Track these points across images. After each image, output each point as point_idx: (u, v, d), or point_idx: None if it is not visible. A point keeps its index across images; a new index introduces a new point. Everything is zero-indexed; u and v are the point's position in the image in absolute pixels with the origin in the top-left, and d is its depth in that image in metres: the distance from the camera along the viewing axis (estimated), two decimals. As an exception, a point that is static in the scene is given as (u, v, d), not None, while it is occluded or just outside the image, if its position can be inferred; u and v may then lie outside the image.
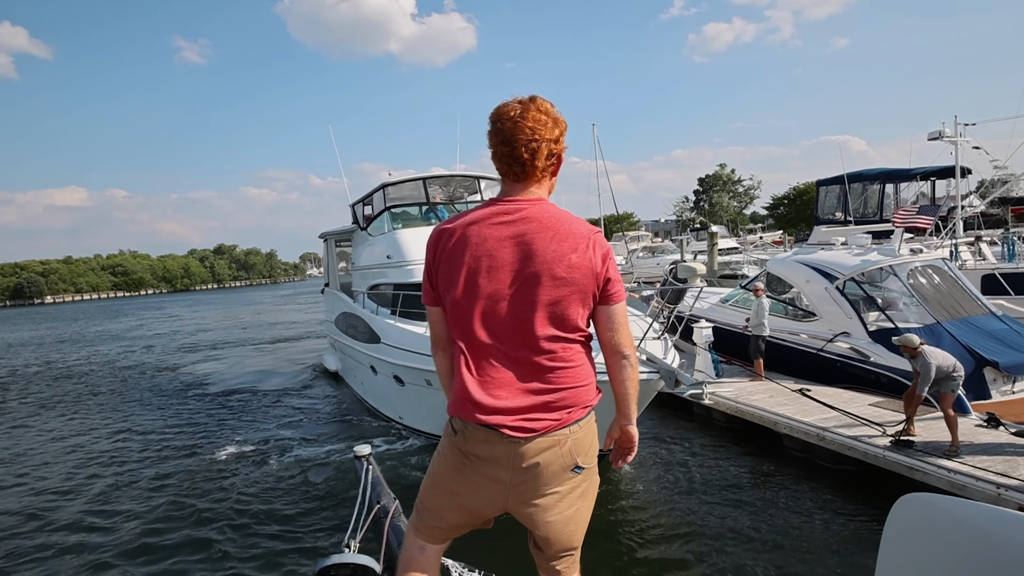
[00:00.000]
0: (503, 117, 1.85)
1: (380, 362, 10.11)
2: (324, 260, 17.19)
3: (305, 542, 6.74)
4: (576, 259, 1.82)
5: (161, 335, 33.16)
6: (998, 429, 7.09)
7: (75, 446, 11.23)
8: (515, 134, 1.83)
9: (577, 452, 1.91)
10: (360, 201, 13.70)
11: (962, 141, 15.02)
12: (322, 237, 16.62)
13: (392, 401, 10.47)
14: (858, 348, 9.33)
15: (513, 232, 1.85)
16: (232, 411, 13.12)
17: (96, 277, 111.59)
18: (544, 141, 1.84)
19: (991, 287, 11.74)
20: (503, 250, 1.84)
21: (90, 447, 11.10)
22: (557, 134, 1.89)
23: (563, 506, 1.95)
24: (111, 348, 28.14)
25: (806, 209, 51.80)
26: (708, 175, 72.87)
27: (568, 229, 1.85)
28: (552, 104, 1.92)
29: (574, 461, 1.91)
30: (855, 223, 16.67)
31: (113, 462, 10.01)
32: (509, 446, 1.85)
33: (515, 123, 1.83)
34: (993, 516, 1.61)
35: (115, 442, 11.24)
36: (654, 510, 7.03)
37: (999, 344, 8.64)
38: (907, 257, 9.90)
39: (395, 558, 3.25)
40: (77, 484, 9.11)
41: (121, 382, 18.26)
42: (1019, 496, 5.56)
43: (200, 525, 7.39)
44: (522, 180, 1.90)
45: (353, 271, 14.08)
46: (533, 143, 1.83)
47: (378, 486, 3.98)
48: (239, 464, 9.38)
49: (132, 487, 8.80)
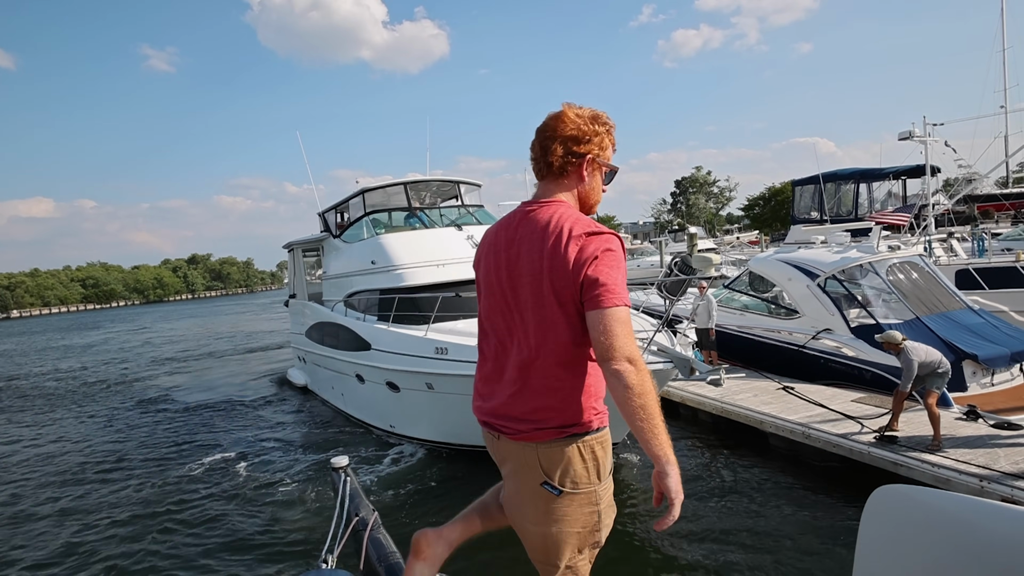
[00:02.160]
0: (544, 120, 1.91)
1: (370, 369, 9.90)
2: (290, 271, 16.65)
3: (281, 558, 6.54)
4: (553, 262, 1.73)
5: (129, 348, 32.45)
6: (978, 422, 7.19)
7: (35, 462, 10.88)
8: (539, 131, 1.90)
9: (549, 470, 1.80)
10: (332, 208, 13.42)
11: (931, 140, 15.33)
12: (287, 247, 16.02)
13: (383, 409, 10.25)
14: (841, 344, 9.43)
15: (511, 236, 1.87)
16: (199, 426, 12.75)
17: (65, 290, 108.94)
18: (560, 138, 1.85)
19: (965, 282, 11.98)
20: (500, 255, 1.90)
21: (52, 463, 10.76)
22: (580, 134, 1.85)
23: (535, 517, 1.87)
24: (76, 362, 27.44)
25: (781, 209, 52.56)
26: (684, 177, 73.64)
27: (554, 229, 1.76)
28: (598, 112, 1.92)
29: (543, 477, 1.81)
30: (831, 222, 16.92)
31: (76, 479, 9.70)
32: (492, 442, 1.96)
33: (544, 123, 1.89)
34: (965, 505, 1.63)
35: (79, 458, 10.89)
36: (640, 508, 6.99)
37: (977, 337, 8.79)
38: (886, 254, 10.05)
39: (374, 571, 3.16)
40: (36, 501, 8.81)
41: (85, 397, 17.78)
42: (1002, 488, 5.62)
43: (172, 542, 7.16)
44: (541, 178, 1.95)
45: (324, 280, 13.65)
46: (548, 140, 1.87)
47: (356, 498, 3.86)
48: (209, 481, 9.12)
49: (96, 506, 8.50)
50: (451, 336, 8.50)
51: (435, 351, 8.39)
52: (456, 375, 8.10)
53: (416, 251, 10.42)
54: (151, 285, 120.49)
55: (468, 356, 7.94)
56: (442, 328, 8.80)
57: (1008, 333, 9.18)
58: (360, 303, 11.10)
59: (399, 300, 9.56)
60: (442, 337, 8.50)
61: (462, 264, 10.03)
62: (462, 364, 8.00)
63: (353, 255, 11.86)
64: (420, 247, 10.52)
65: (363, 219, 11.88)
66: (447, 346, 8.28)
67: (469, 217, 11.79)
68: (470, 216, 11.83)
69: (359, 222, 12.02)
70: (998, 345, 8.68)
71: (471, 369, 7.85)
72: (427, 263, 10.15)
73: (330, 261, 13.28)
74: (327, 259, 13.54)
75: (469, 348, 7.96)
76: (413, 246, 10.58)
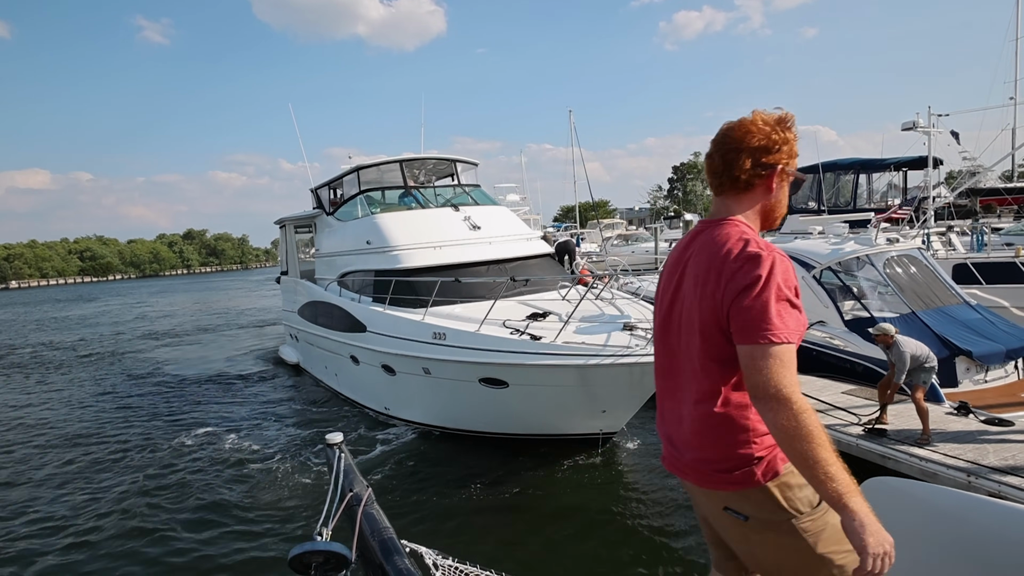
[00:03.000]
0: (720, 129, 1.78)
1: (366, 351, 9.79)
2: (282, 247, 16.44)
3: (277, 531, 6.63)
4: (707, 288, 1.65)
5: (126, 322, 32.40)
6: (968, 417, 7.16)
7: (29, 434, 10.82)
8: (720, 143, 1.76)
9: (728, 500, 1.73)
10: (325, 185, 13.17)
11: (935, 132, 15.20)
12: (279, 223, 15.84)
13: (377, 391, 10.20)
14: (833, 336, 9.37)
15: (681, 257, 1.81)
16: (192, 402, 12.77)
17: (62, 262, 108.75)
18: (747, 150, 1.71)
19: (963, 276, 11.91)
20: (672, 275, 1.84)
21: (49, 434, 10.76)
22: (769, 143, 1.70)
23: (735, 537, 1.79)
24: (72, 334, 27.40)
25: (779, 198, 52.38)
26: (683, 163, 73.49)
27: (715, 253, 1.66)
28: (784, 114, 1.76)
29: (723, 503, 1.73)
30: (828, 212, 16.84)
31: (72, 452, 9.67)
32: None
33: (725, 133, 1.75)
34: (953, 499, 1.72)
35: (74, 432, 10.86)
36: (631, 498, 7.02)
37: (973, 334, 8.73)
38: (884, 246, 9.95)
39: (368, 546, 3.20)
40: (35, 475, 8.79)
41: (80, 370, 17.74)
42: (989, 483, 5.59)
43: (167, 514, 7.23)
44: (720, 193, 1.82)
45: (317, 258, 13.43)
46: (732, 152, 1.72)
47: (350, 474, 3.90)
48: (204, 456, 9.12)
49: (91, 479, 8.52)
50: (449, 321, 8.36)
51: (433, 336, 8.27)
52: (453, 361, 8.00)
53: (412, 232, 10.22)
54: (147, 259, 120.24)
55: (466, 342, 7.86)
56: (440, 312, 8.65)
57: (1005, 330, 9.11)
58: (354, 283, 10.92)
59: (396, 283, 9.38)
60: (440, 322, 8.37)
61: (459, 246, 9.88)
62: (460, 350, 7.89)
63: (347, 234, 11.67)
64: (416, 228, 10.33)
65: (357, 197, 11.66)
66: (445, 331, 8.16)
67: (465, 197, 11.57)
68: (466, 196, 11.63)
69: (353, 200, 11.81)
70: (994, 342, 8.61)
71: (468, 356, 7.52)
72: (423, 245, 9.97)
73: (323, 239, 13.06)
74: (320, 236, 13.31)
75: (467, 334, 7.88)
76: (409, 227, 10.38)
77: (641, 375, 7.08)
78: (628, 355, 6.93)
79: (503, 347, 7.55)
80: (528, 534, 6.41)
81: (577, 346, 7.19)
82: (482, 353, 7.68)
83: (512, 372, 7.61)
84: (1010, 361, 8.76)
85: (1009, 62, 31.63)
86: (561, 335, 7.28)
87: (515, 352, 7.44)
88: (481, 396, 8.12)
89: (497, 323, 7.84)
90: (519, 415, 8.28)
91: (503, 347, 7.55)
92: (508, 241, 10.39)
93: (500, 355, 7.54)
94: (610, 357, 6.96)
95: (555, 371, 7.25)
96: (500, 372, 7.73)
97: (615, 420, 8.08)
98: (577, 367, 7.10)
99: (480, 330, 7.79)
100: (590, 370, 7.09)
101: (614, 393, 7.50)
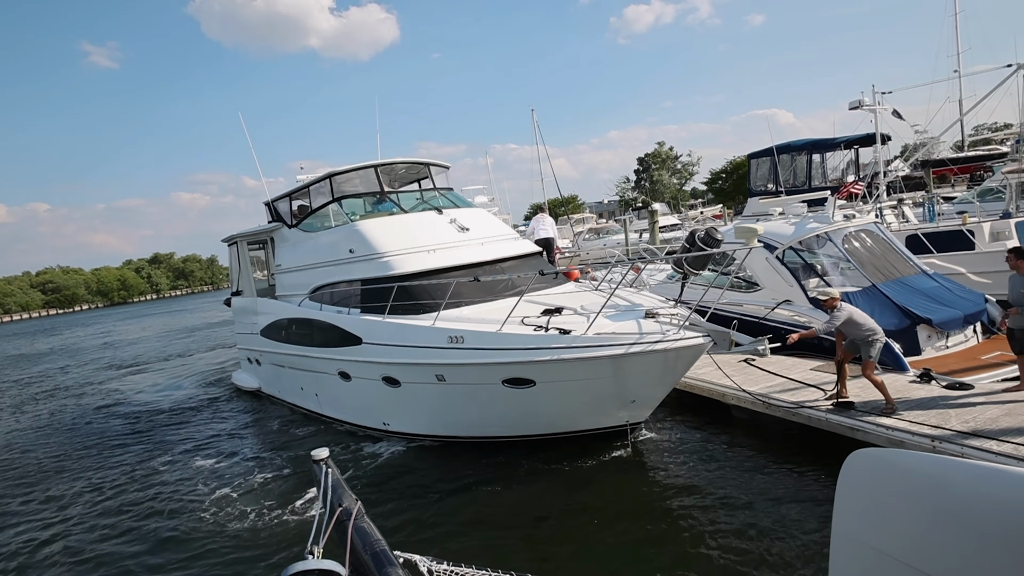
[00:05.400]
0: None
1: (361, 365, 9.37)
2: (233, 266, 15.03)
3: (267, 554, 6.53)
4: None
5: (88, 352, 31.62)
6: (931, 384, 7.39)
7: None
8: None
9: None
10: (285, 196, 12.43)
11: (880, 109, 15.63)
12: (228, 241, 14.64)
13: (374, 407, 9.73)
14: (798, 314, 9.58)
15: None
16: (160, 432, 12.45)
17: (25, 296, 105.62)
18: None
19: (915, 247, 12.28)
20: None
21: (12, 472, 10.47)
22: None
23: None
24: (31, 371, 26.71)
25: (743, 183, 53.22)
26: (647, 154, 73.92)
27: None
28: None
29: None
30: (786, 193, 17.17)
31: (50, 488, 9.47)
32: None
33: None
34: (938, 465, 1.76)
35: (50, 470, 10.63)
36: (653, 487, 7.14)
37: (931, 302, 9.01)
38: (842, 223, 10.22)
39: (360, 560, 3.24)
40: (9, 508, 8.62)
41: (46, 406, 17.26)
42: (952, 447, 5.81)
43: (152, 544, 7.15)
44: None
45: (279, 274, 12.60)
46: None
47: (339, 489, 3.91)
48: (180, 485, 9.00)
49: (78, 511, 8.45)
50: (463, 324, 8.07)
51: (448, 340, 7.94)
52: (474, 364, 7.74)
53: (401, 237, 9.79)
54: (115, 287, 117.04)
55: (488, 343, 7.61)
56: (448, 316, 8.31)
57: (961, 295, 9.41)
58: (334, 296, 10.41)
59: (398, 289, 8.88)
60: (454, 325, 8.07)
61: (451, 249, 9.59)
62: (481, 352, 7.63)
63: (319, 244, 11.09)
64: (404, 233, 9.88)
65: (330, 205, 11.08)
66: (463, 334, 7.84)
67: (443, 200, 11.17)
68: (444, 199, 11.23)
69: (324, 209, 11.23)
70: (952, 308, 8.89)
71: (492, 356, 7.40)
72: (415, 249, 9.54)
73: (285, 253, 12.35)
74: (281, 251, 12.57)
75: (489, 335, 7.64)
76: (396, 232, 9.92)
77: (675, 360, 7.09)
78: (663, 341, 6.91)
79: (531, 344, 7.31)
80: (551, 535, 6.39)
81: (609, 336, 7.06)
82: (508, 353, 7.44)
83: (541, 369, 7.38)
84: (969, 326, 9.05)
85: (950, 38, 32.61)
86: (592, 327, 7.18)
87: (546, 348, 7.22)
88: (503, 398, 7.88)
89: (514, 321, 7.59)
90: (545, 414, 8.07)
91: (531, 344, 7.31)
92: (498, 241, 10.17)
93: (529, 353, 7.31)
94: (646, 345, 6.89)
95: (590, 364, 7.10)
96: (528, 371, 7.49)
97: (643, 410, 8.02)
98: (612, 358, 6.97)
99: (502, 329, 7.55)
100: (626, 359, 6.96)
101: (647, 381, 7.41)
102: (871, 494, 1.69)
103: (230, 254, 15.02)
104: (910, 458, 1.83)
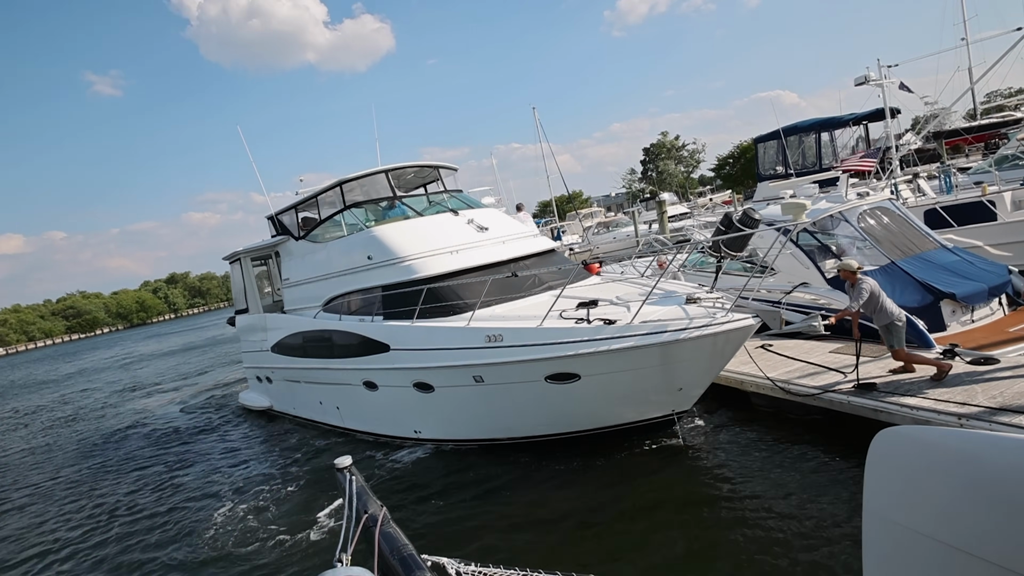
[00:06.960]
0: None
1: (390, 373, 9.19)
2: (236, 284, 14.55)
3: (297, 563, 6.58)
4: None
5: (109, 375, 32.10)
6: (955, 360, 7.20)
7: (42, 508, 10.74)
8: None
9: None
10: (291, 208, 12.22)
11: (887, 83, 15.37)
12: (230, 259, 14.32)
13: (403, 415, 9.53)
14: (818, 296, 9.46)
15: None
16: (178, 450, 12.60)
17: (48, 323, 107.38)
18: None
19: (935, 221, 12.01)
20: None
21: (64, 498, 10.66)
22: None
23: None
24: (52, 397, 27.12)
25: (752, 166, 52.79)
26: (652, 144, 73.43)
27: None
28: None
29: None
30: (796, 175, 16.98)
31: (72, 509, 9.62)
32: None
33: None
34: (967, 440, 1.73)
35: (84, 490, 10.80)
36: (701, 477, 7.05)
37: (953, 276, 8.83)
38: (855, 201, 10.05)
39: (388, 565, 3.24)
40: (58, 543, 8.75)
41: (69, 431, 17.52)
42: (980, 424, 5.66)
43: (183, 557, 7.25)
44: None
45: (287, 288, 12.35)
46: None
47: (364, 496, 3.92)
48: (211, 499, 9.09)
49: (109, 522, 8.71)
50: (498, 322, 7.93)
51: (486, 339, 7.79)
52: (516, 362, 7.58)
53: (422, 240, 9.65)
54: (133, 309, 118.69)
55: (529, 339, 7.46)
56: (481, 316, 8.19)
57: (984, 268, 9.20)
58: (351, 305, 10.22)
59: (427, 292, 8.73)
60: (490, 324, 7.93)
61: (473, 249, 9.52)
62: (523, 349, 7.49)
63: (332, 254, 10.84)
64: (424, 236, 9.75)
65: (342, 213, 10.90)
66: (501, 332, 7.69)
67: (454, 201, 11.08)
68: (455, 200, 11.14)
69: (335, 218, 11.10)
70: (975, 281, 8.70)
71: (535, 353, 7.25)
72: (438, 251, 9.41)
73: (293, 266, 12.12)
74: (288, 264, 12.33)
75: (529, 331, 7.49)
76: (417, 235, 9.79)
77: (725, 344, 7.01)
78: (711, 325, 6.82)
79: (576, 337, 7.17)
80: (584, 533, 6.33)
81: (657, 324, 6.95)
82: (552, 348, 7.30)
83: (587, 362, 7.24)
84: (994, 298, 8.84)
85: (955, 5, 32.04)
86: (637, 316, 7.09)
87: (592, 340, 7.08)
88: (546, 395, 7.76)
89: (551, 316, 7.47)
90: (590, 409, 7.93)
91: (576, 337, 7.17)
92: (517, 240, 10.10)
93: (574, 346, 7.16)
94: (697, 329, 6.80)
95: (639, 353, 6.98)
96: (572, 364, 7.35)
97: (689, 397, 7.88)
98: (663, 345, 6.86)
99: (543, 324, 7.43)
100: (676, 346, 6.86)
101: (696, 367, 7.30)
102: (901, 473, 1.67)
103: (232, 272, 14.75)
104: (938, 434, 1.81)
